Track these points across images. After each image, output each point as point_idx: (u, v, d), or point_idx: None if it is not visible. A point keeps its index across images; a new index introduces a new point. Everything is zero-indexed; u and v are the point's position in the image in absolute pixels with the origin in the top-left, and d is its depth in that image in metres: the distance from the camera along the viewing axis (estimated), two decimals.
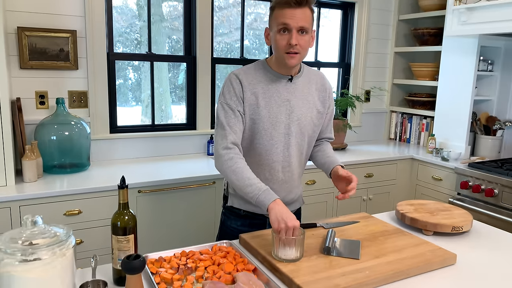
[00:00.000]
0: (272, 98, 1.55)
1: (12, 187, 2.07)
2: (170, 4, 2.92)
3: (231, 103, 1.52)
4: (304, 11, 1.45)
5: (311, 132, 1.63)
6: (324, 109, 1.66)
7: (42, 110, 2.48)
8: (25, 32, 2.33)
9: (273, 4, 1.48)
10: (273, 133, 1.56)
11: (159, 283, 1.16)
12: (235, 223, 1.69)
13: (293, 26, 1.43)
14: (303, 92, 1.59)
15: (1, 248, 0.96)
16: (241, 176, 1.42)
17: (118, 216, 1.16)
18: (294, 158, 1.62)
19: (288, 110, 1.56)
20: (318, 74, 1.68)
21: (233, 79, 1.55)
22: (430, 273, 1.29)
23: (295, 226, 1.28)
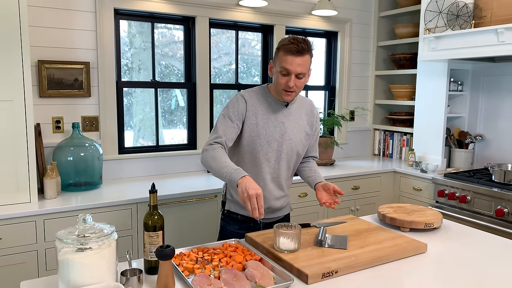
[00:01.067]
0: (270, 119, 1.83)
1: (36, 204, 2.30)
2: (160, 32, 3.19)
3: (232, 115, 1.78)
4: (304, 58, 1.70)
5: (300, 151, 1.91)
6: (311, 132, 1.95)
7: (58, 134, 2.73)
8: (44, 64, 2.61)
9: (279, 46, 1.73)
10: (267, 149, 1.83)
11: (183, 271, 1.41)
12: (233, 227, 1.94)
13: (292, 72, 1.70)
14: (295, 116, 1.88)
15: (62, 239, 1.21)
16: (219, 160, 1.63)
17: (149, 216, 1.41)
18: (283, 171, 1.90)
19: (282, 131, 1.84)
20: (308, 102, 1.98)
21: (240, 98, 1.82)
22: (404, 259, 1.56)
23: (257, 194, 1.48)
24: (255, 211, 1.50)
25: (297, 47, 1.67)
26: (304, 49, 1.69)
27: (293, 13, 3.52)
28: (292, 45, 1.67)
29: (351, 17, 3.86)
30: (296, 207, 3.05)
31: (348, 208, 3.35)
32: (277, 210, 1.94)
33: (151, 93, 3.15)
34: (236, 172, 1.57)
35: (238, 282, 1.31)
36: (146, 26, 3.10)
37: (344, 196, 3.30)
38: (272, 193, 1.89)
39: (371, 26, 4.02)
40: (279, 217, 1.98)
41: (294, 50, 1.68)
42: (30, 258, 2.20)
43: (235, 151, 1.87)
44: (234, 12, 3.26)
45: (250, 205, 1.50)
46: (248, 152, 1.83)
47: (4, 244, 2.13)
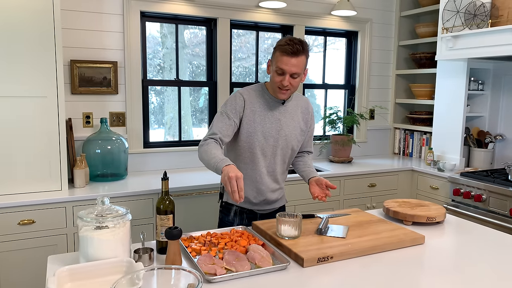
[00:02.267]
0: (266, 116, 1.92)
1: (66, 191, 2.51)
2: (191, 32, 3.36)
3: (229, 112, 1.86)
4: (299, 59, 1.77)
5: (295, 147, 2.01)
6: (306, 128, 2.04)
7: (88, 128, 2.94)
8: (76, 64, 2.82)
9: (276, 46, 1.81)
10: (264, 144, 1.92)
11: (191, 252, 1.54)
12: (230, 217, 2.03)
13: (287, 72, 1.78)
14: (291, 113, 1.97)
15: (83, 218, 1.37)
16: (210, 152, 1.70)
17: (161, 201, 1.56)
18: (279, 165, 1.99)
19: (278, 127, 1.93)
20: (303, 99, 2.06)
21: (238, 96, 1.90)
22: (401, 249, 1.63)
23: (237, 176, 1.53)
24: (235, 193, 1.54)
25: (292, 48, 1.75)
26: (299, 51, 1.76)
27: (312, 14, 3.61)
28: (288, 46, 1.75)
29: (371, 17, 3.90)
30: (310, 203, 3.14)
31: (364, 205, 3.41)
32: (272, 202, 2.04)
33: (182, 92, 3.33)
34: (222, 161, 1.64)
35: (239, 262, 1.43)
36: (178, 27, 3.27)
37: (360, 193, 3.37)
38: (268, 186, 1.98)
39: (392, 26, 4.04)
40: (274, 209, 2.08)
41: (290, 51, 1.75)
42: (60, 240, 2.41)
43: (233, 146, 1.96)
44: (254, 13, 3.39)
45: (230, 187, 1.54)
46: (246, 147, 1.91)
47: (38, 227, 2.34)
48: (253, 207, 2.01)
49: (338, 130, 3.76)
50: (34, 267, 2.36)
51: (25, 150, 2.41)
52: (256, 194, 1.97)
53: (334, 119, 3.70)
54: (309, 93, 3.95)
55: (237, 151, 1.94)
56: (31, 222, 2.32)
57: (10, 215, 2.29)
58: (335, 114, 3.72)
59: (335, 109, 3.74)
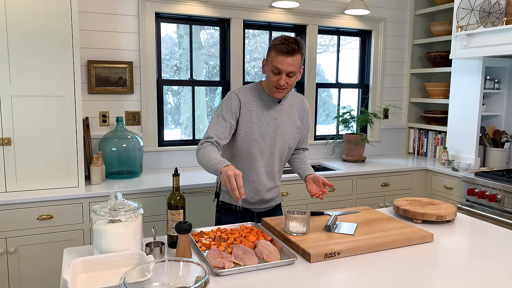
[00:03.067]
0: (263, 115, 1.92)
1: (83, 188, 2.58)
2: (207, 32, 3.42)
3: (225, 114, 1.85)
4: (295, 58, 1.77)
5: (292, 145, 2.01)
6: (302, 126, 2.04)
7: (104, 127, 3.02)
8: (93, 64, 2.90)
9: (271, 45, 1.81)
10: (262, 144, 1.93)
11: (201, 246, 1.58)
12: (229, 217, 2.04)
13: (283, 71, 1.78)
14: (287, 112, 1.97)
15: (97, 212, 1.42)
16: (208, 155, 1.71)
17: (172, 196, 1.60)
18: (276, 164, 2.00)
19: (275, 126, 1.94)
20: (299, 97, 2.06)
21: (233, 97, 1.89)
22: (409, 247, 1.64)
23: (235, 174, 1.54)
24: (235, 190, 1.54)
25: (287, 47, 1.74)
26: (294, 50, 1.75)
27: (325, 13, 3.61)
28: (283, 46, 1.75)
29: (385, 16, 3.89)
30: (320, 202, 3.16)
31: (377, 204, 3.40)
32: (269, 201, 2.05)
33: (198, 92, 3.39)
34: (220, 163, 1.65)
35: (247, 257, 1.46)
36: (193, 28, 3.32)
37: (373, 193, 3.36)
38: (266, 185, 1.99)
39: (406, 25, 4.02)
40: (270, 207, 2.09)
41: (285, 51, 1.75)
42: (77, 235, 2.48)
43: (231, 146, 1.94)
44: (267, 13, 3.42)
45: (230, 185, 1.55)
46: (243, 147, 1.92)
47: (55, 222, 2.42)
48: (250, 206, 2.02)
49: (351, 129, 3.76)
50: (51, 260, 2.44)
51: (44, 148, 2.49)
52: (253, 194, 1.98)
53: (347, 118, 3.70)
54: (325, 92, 3.96)
55: (234, 151, 1.94)
56: (50, 217, 2.40)
57: (30, 210, 2.37)
58: (348, 113, 3.72)
59: (348, 108, 3.74)
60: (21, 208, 2.35)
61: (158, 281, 1.18)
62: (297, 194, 3.05)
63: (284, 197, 3.01)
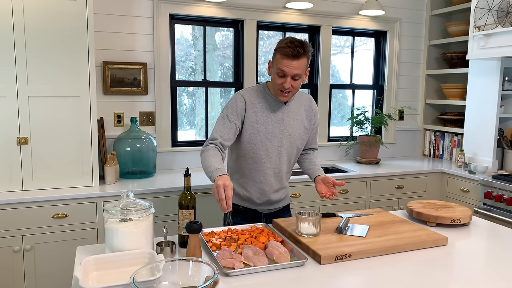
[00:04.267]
0: (269, 116, 1.91)
1: (97, 187, 2.61)
2: (222, 34, 3.43)
3: (230, 116, 1.86)
4: (300, 61, 1.75)
5: (300, 145, 2.00)
6: (310, 126, 2.02)
7: (118, 127, 3.05)
8: (108, 65, 2.94)
9: (277, 47, 1.79)
10: (268, 145, 1.92)
11: (211, 246, 1.59)
12: (235, 218, 2.03)
13: (288, 74, 1.77)
14: (294, 112, 1.96)
15: (108, 211, 1.44)
16: (208, 160, 1.73)
17: (183, 196, 1.61)
18: (284, 165, 1.98)
19: (281, 127, 1.93)
20: (307, 97, 2.04)
21: (238, 98, 1.89)
22: (422, 250, 1.61)
23: (225, 185, 1.54)
24: (222, 202, 1.54)
25: (292, 51, 1.73)
26: (300, 53, 1.73)
27: (339, 14, 3.59)
28: (289, 49, 1.73)
29: (400, 17, 3.84)
30: (334, 204, 3.13)
31: (392, 207, 3.36)
32: (276, 202, 2.04)
33: (212, 93, 3.40)
34: (216, 171, 1.65)
35: (257, 257, 1.46)
36: (208, 30, 3.34)
37: (387, 195, 3.32)
38: (273, 186, 1.98)
39: (422, 25, 3.96)
40: (278, 208, 2.07)
41: (290, 54, 1.74)
42: (91, 234, 2.51)
43: (237, 147, 1.94)
44: (281, 14, 3.41)
45: (217, 196, 1.54)
46: (249, 148, 1.91)
47: (70, 221, 2.46)
48: (257, 207, 2.02)
49: (366, 131, 3.72)
50: (66, 257, 2.48)
51: (59, 148, 2.53)
52: (260, 195, 1.98)
53: (362, 120, 3.67)
54: (341, 94, 3.93)
55: (240, 152, 1.94)
56: (64, 216, 2.44)
57: (45, 208, 2.41)
58: (362, 114, 3.69)
59: (362, 109, 3.71)
60: (37, 206, 2.39)
61: (168, 280, 1.19)
62: (309, 195, 3.03)
63: (296, 198, 2.99)
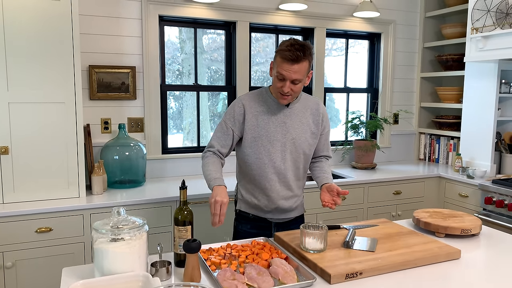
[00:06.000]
0: (270, 120, 1.83)
1: (84, 198, 2.46)
2: (209, 37, 3.30)
3: (228, 122, 1.85)
4: (301, 65, 1.69)
5: (307, 151, 1.90)
6: (318, 131, 1.92)
7: (106, 134, 2.91)
8: (94, 69, 2.79)
9: (278, 49, 1.73)
10: (271, 149, 1.83)
11: (210, 265, 1.46)
12: (245, 226, 1.96)
13: (288, 78, 1.71)
14: (298, 116, 1.87)
15: (98, 229, 1.30)
16: (207, 168, 1.80)
17: (179, 211, 1.48)
18: (290, 171, 1.89)
19: (284, 130, 1.84)
20: (314, 101, 1.95)
21: (237, 103, 1.86)
22: (435, 265, 1.51)
23: (222, 202, 1.59)
24: (215, 216, 1.59)
25: (292, 55, 1.66)
26: (299, 57, 1.67)
27: (333, 16, 3.51)
28: (289, 53, 1.66)
29: (395, 19, 3.78)
30: (333, 211, 3.03)
31: (389, 213, 3.28)
32: (287, 211, 1.94)
33: (200, 97, 3.27)
34: (214, 180, 1.71)
35: (261, 278, 1.34)
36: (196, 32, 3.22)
37: (385, 201, 3.24)
38: (279, 193, 1.89)
39: (416, 27, 3.91)
40: (290, 218, 1.98)
41: (290, 58, 1.67)
42: (77, 249, 2.36)
43: (241, 154, 1.89)
44: (274, 16, 3.31)
45: (212, 210, 1.60)
46: (251, 153, 1.84)
47: (55, 235, 2.30)
48: (266, 215, 1.93)
49: (361, 135, 3.64)
50: (51, 275, 2.32)
51: (42, 157, 2.38)
52: (267, 202, 1.89)
53: (357, 124, 3.58)
54: (328, 97, 3.84)
55: (244, 157, 1.88)
56: (49, 230, 2.29)
57: (28, 222, 2.25)
58: (357, 118, 3.60)
59: (357, 113, 3.63)
60: (18, 220, 2.23)
61: None
62: (307, 204, 2.92)
63: None
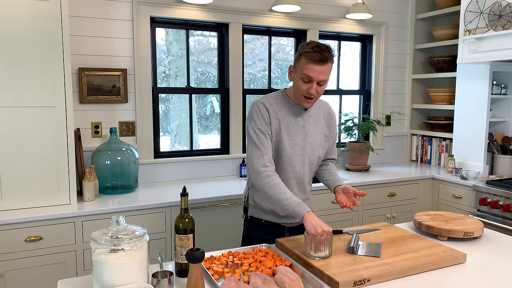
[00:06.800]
0: (291, 124, 1.81)
1: (75, 205, 2.38)
2: (196, 39, 3.23)
3: (262, 128, 1.76)
4: (327, 66, 1.68)
5: (321, 154, 1.89)
6: (330, 133, 1.92)
7: (97, 139, 2.83)
8: (84, 72, 2.71)
9: (301, 52, 1.70)
10: (292, 153, 1.81)
11: (213, 274, 1.41)
12: (257, 232, 1.91)
13: (315, 80, 1.68)
14: (314, 119, 1.86)
15: (96, 240, 1.24)
16: (278, 191, 1.66)
17: (180, 219, 1.43)
18: (306, 175, 1.88)
19: (303, 134, 1.83)
20: (325, 104, 1.95)
21: (261, 107, 1.80)
22: (442, 269, 1.49)
23: (329, 231, 1.53)
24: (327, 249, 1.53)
25: (320, 55, 1.65)
26: (327, 58, 1.67)
27: (326, 17, 3.49)
28: (316, 54, 1.65)
29: (386, 20, 3.78)
30: (329, 214, 3.00)
31: (384, 215, 3.26)
32: None
33: (187, 99, 3.21)
34: (299, 206, 1.61)
35: (267, 287, 1.30)
36: (182, 33, 3.16)
37: (380, 203, 3.23)
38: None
39: (408, 29, 3.92)
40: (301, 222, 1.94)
41: (318, 59, 1.65)
42: (69, 258, 2.28)
43: None
44: (267, 17, 3.27)
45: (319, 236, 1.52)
46: (275, 158, 1.80)
47: (45, 244, 2.22)
48: (280, 221, 1.89)
49: (354, 137, 3.62)
50: (41, 286, 2.23)
51: (32, 163, 2.29)
52: None
53: (350, 126, 3.57)
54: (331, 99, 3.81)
55: None
56: (39, 238, 2.20)
57: (17, 231, 2.17)
58: (350, 120, 3.59)
59: (351, 115, 3.61)
60: (7, 229, 2.14)
61: None
62: None
63: None
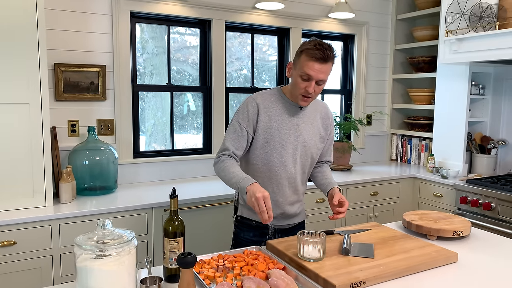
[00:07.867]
0: (284, 121, 1.77)
1: (51, 208, 2.27)
2: (172, 37, 3.14)
3: (242, 122, 1.75)
4: (328, 65, 1.66)
5: (314, 155, 1.86)
6: (326, 135, 1.89)
7: (73, 138, 2.71)
8: (61, 67, 2.59)
9: (303, 49, 1.67)
10: (282, 152, 1.77)
11: (204, 279, 1.35)
12: (247, 234, 1.87)
13: (314, 78, 1.65)
14: (309, 118, 1.83)
15: (81, 245, 1.16)
16: (228, 171, 1.65)
17: (169, 222, 1.36)
18: (298, 175, 1.84)
19: (296, 133, 1.79)
20: (323, 104, 1.92)
21: (250, 102, 1.77)
22: (435, 269, 1.48)
23: (264, 196, 1.49)
24: (264, 213, 1.50)
25: (322, 53, 1.62)
26: (328, 57, 1.64)
27: (309, 16, 3.47)
28: (318, 52, 1.62)
29: (368, 20, 3.80)
30: (313, 213, 2.98)
31: (367, 214, 3.27)
32: (291, 216, 1.88)
33: (163, 98, 3.12)
34: (244, 180, 1.59)
35: None
36: (158, 31, 3.07)
37: (362, 202, 3.23)
38: (288, 198, 1.83)
39: (388, 29, 3.95)
40: (293, 224, 1.92)
41: (319, 57, 1.62)
42: (45, 263, 2.16)
43: (249, 155, 1.81)
44: (250, 15, 3.22)
45: (258, 208, 1.50)
46: (262, 155, 1.77)
47: (19, 249, 2.10)
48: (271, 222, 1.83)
49: (336, 137, 3.62)
50: None
51: (4, 163, 2.16)
52: (274, 207, 1.80)
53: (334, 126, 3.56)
54: None
55: (253, 159, 1.79)
56: (12, 243, 2.08)
57: None
58: None
59: (334, 114, 3.60)
60: None
61: None
62: None
63: None
